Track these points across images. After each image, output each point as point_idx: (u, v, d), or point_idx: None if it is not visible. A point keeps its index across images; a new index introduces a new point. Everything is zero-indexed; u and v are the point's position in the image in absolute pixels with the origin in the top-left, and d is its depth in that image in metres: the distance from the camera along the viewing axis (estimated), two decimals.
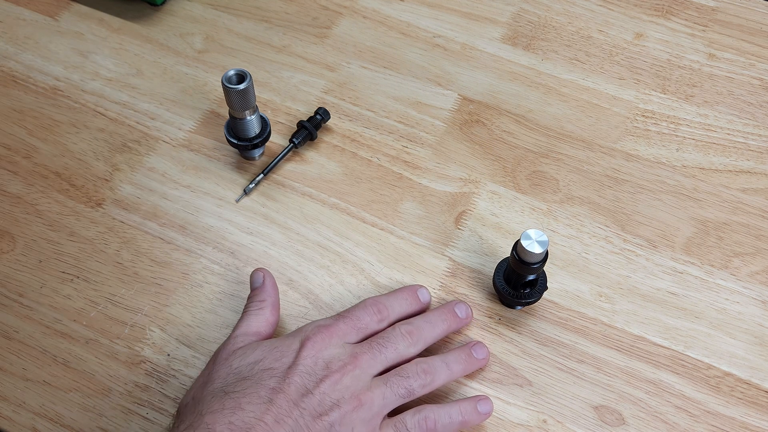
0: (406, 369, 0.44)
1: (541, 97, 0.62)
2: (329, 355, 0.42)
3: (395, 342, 0.44)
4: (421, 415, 0.43)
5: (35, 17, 0.67)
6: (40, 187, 0.56)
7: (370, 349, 0.43)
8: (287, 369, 0.41)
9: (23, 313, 0.50)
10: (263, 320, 0.46)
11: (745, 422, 0.46)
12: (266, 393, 0.40)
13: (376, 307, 0.46)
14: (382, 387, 0.42)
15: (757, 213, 0.55)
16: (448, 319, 0.47)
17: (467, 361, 0.46)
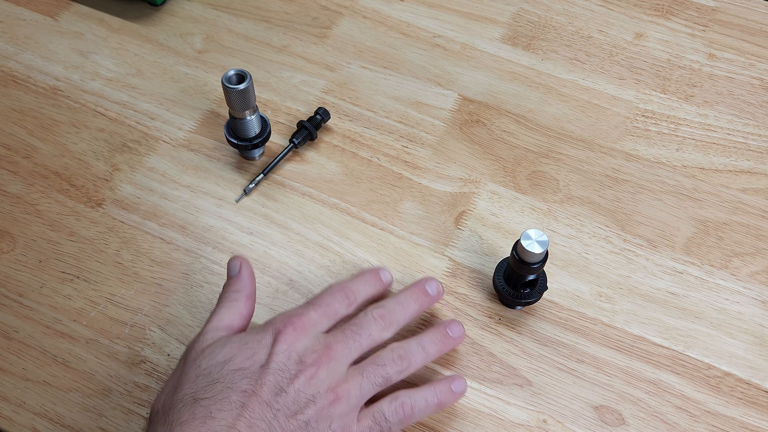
0: (382, 356, 0.43)
1: (541, 97, 0.62)
2: (302, 347, 0.41)
3: (368, 327, 0.43)
4: (397, 402, 0.42)
5: (35, 17, 0.67)
6: (40, 187, 0.56)
7: (344, 337, 0.42)
8: (260, 368, 0.40)
9: (23, 313, 0.50)
10: (236, 313, 0.44)
11: (745, 422, 0.46)
12: (238, 397, 0.38)
13: (343, 292, 0.45)
14: (358, 377, 0.41)
15: (757, 213, 0.55)
16: (419, 299, 0.46)
17: (443, 341, 0.45)
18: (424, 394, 0.43)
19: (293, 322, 0.42)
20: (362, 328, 0.43)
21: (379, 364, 0.42)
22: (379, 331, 0.43)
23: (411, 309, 0.46)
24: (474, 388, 0.47)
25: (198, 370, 0.40)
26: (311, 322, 0.42)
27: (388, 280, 0.48)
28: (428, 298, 0.47)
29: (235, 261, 0.46)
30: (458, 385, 0.44)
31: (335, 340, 0.42)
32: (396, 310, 0.45)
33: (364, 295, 0.46)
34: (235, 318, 0.44)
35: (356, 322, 0.43)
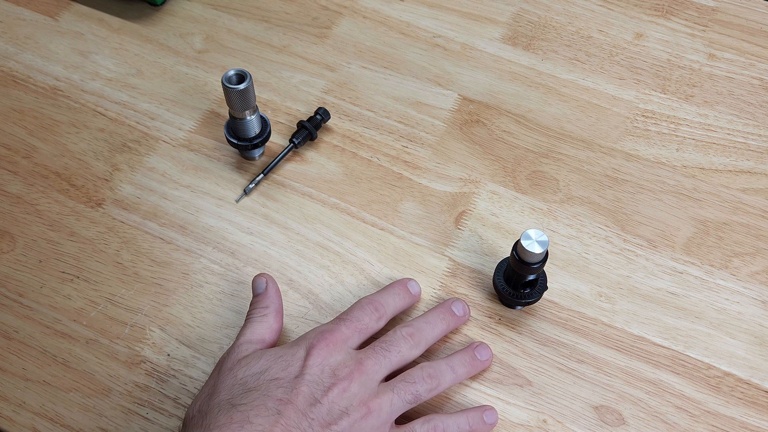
0: (412, 374, 0.44)
1: (541, 97, 0.62)
2: (335, 362, 0.42)
3: (398, 345, 0.44)
4: (430, 425, 0.43)
5: (35, 17, 0.67)
6: (40, 187, 0.56)
7: (375, 354, 0.43)
8: (294, 378, 0.41)
9: (23, 313, 0.50)
10: (267, 327, 0.46)
11: (745, 422, 0.46)
12: (274, 404, 0.39)
13: (372, 305, 0.46)
14: (390, 393, 0.42)
15: (757, 213, 0.55)
16: (446, 318, 0.47)
17: (471, 364, 0.46)
18: (456, 420, 0.44)
19: (326, 337, 0.43)
20: (392, 345, 0.44)
21: (409, 382, 0.43)
22: (409, 348, 0.45)
23: (439, 328, 0.47)
24: (474, 388, 0.47)
25: (234, 379, 0.41)
26: (343, 337, 0.44)
27: (417, 291, 0.49)
28: (455, 319, 0.48)
29: (261, 278, 0.48)
30: (490, 417, 0.45)
31: (366, 356, 0.43)
32: (424, 329, 0.46)
33: (394, 308, 0.47)
34: (266, 332, 0.45)
35: (386, 339, 0.45)
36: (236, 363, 0.43)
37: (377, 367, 0.43)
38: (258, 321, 0.46)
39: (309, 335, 0.44)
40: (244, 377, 0.41)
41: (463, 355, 0.46)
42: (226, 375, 0.42)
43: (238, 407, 0.39)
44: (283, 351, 0.43)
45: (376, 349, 0.44)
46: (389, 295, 0.48)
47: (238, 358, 0.43)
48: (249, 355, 0.43)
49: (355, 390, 0.41)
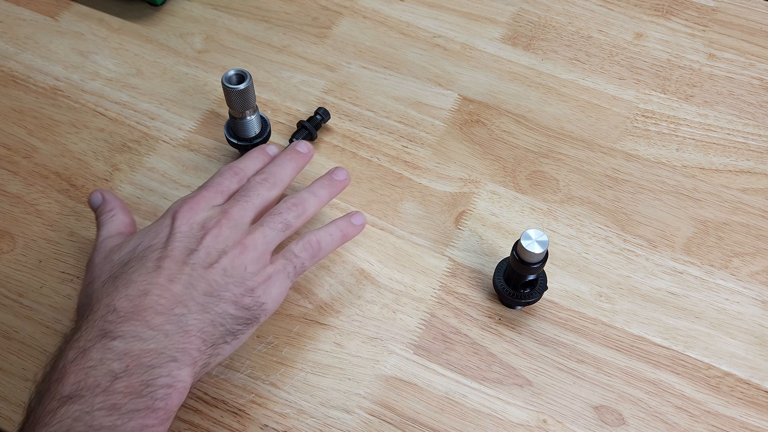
0: (278, 207, 0.47)
1: (541, 97, 0.62)
2: (201, 218, 0.44)
3: (256, 189, 0.47)
4: (304, 240, 0.46)
5: (35, 17, 0.67)
6: (40, 187, 0.56)
7: (237, 202, 0.46)
8: (166, 240, 0.43)
9: (23, 313, 0.50)
10: (120, 222, 0.47)
11: (745, 422, 0.46)
12: (153, 263, 0.41)
13: (231, 170, 0.48)
14: (260, 228, 0.45)
15: (757, 213, 0.55)
16: (294, 158, 0.50)
17: (330, 185, 0.49)
18: (328, 230, 0.47)
19: (188, 201, 0.45)
20: (251, 191, 0.47)
21: (276, 214, 0.46)
22: (267, 190, 0.47)
23: (290, 167, 0.49)
24: (474, 388, 0.47)
25: (111, 263, 0.43)
26: (205, 198, 0.46)
27: (274, 152, 0.52)
28: (301, 156, 0.50)
29: (95, 193, 0.49)
30: (357, 219, 0.49)
31: (230, 205, 0.46)
32: (276, 171, 0.48)
33: (252, 170, 0.49)
34: (121, 226, 0.47)
35: (244, 187, 0.47)
36: (108, 252, 0.44)
37: (243, 212, 0.45)
38: (110, 220, 0.47)
39: (172, 206, 0.46)
40: (120, 257, 0.43)
41: (321, 179, 0.49)
42: (102, 264, 0.43)
43: (119, 277, 0.41)
44: (149, 226, 0.45)
45: (236, 198, 0.46)
46: (248, 160, 0.50)
47: (108, 249, 0.44)
48: (117, 244, 0.45)
49: (227, 233, 0.44)
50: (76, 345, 0.38)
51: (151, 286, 0.40)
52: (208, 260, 0.42)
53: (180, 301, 0.40)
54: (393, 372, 0.48)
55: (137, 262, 0.42)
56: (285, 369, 0.48)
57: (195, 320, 0.40)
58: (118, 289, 0.40)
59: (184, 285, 0.41)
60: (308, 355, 0.48)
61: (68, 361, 0.37)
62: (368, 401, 0.47)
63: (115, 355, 0.37)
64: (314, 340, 0.49)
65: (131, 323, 0.39)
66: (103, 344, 0.38)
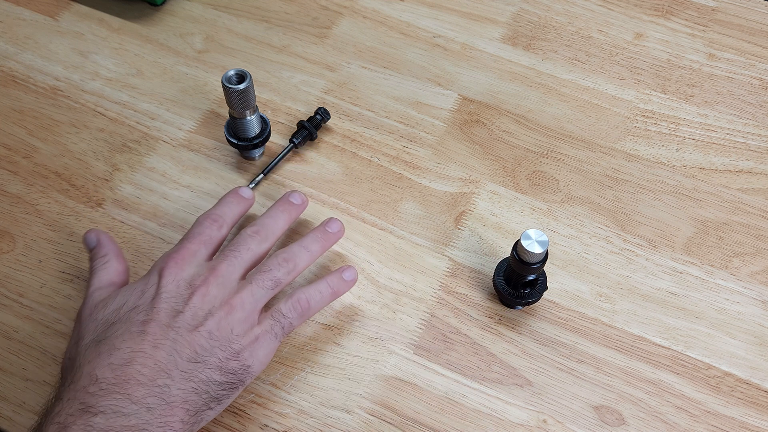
0: (267, 263, 0.45)
1: (541, 97, 0.62)
2: (188, 275, 0.43)
3: (246, 243, 0.45)
4: (293, 299, 0.45)
5: (35, 17, 0.67)
6: (40, 187, 0.56)
7: (226, 257, 0.44)
8: (152, 300, 0.41)
9: (23, 313, 0.50)
10: (113, 271, 0.46)
11: (745, 422, 0.46)
12: (137, 327, 0.40)
13: (210, 218, 0.47)
14: (249, 286, 0.44)
15: (757, 213, 0.55)
16: (287, 210, 0.49)
17: (323, 239, 0.48)
18: (317, 287, 0.46)
19: (173, 257, 0.44)
20: (241, 245, 0.45)
21: (265, 270, 0.45)
22: (257, 244, 0.46)
23: (282, 220, 0.48)
24: (474, 388, 0.47)
25: (95, 322, 0.42)
26: (190, 252, 0.44)
27: (249, 195, 0.50)
28: (294, 207, 0.50)
29: (90, 233, 0.48)
30: (349, 274, 0.47)
31: (218, 261, 0.44)
32: (268, 223, 0.47)
33: (231, 216, 0.48)
34: (113, 275, 0.46)
35: (234, 241, 0.46)
36: (93, 308, 0.43)
37: (231, 268, 0.44)
38: (102, 268, 0.46)
39: (157, 262, 0.44)
40: (104, 316, 0.42)
41: (314, 233, 0.48)
42: (87, 321, 0.42)
43: (103, 341, 0.40)
44: (136, 283, 0.43)
45: (225, 252, 0.45)
46: (224, 206, 0.48)
47: (94, 304, 0.43)
48: (104, 298, 0.43)
49: (215, 292, 0.42)
50: (57, 420, 0.37)
51: (134, 354, 0.39)
52: (194, 323, 0.41)
53: (164, 371, 0.39)
54: (393, 372, 0.48)
55: (121, 325, 0.40)
56: (285, 369, 0.48)
57: (178, 390, 0.39)
58: (100, 356, 0.39)
59: (168, 352, 0.39)
60: (308, 355, 0.48)
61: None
62: (368, 401, 0.47)
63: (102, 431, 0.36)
64: (314, 340, 0.49)
65: (113, 396, 0.37)
66: (84, 420, 0.36)
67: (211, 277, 0.43)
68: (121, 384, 0.38)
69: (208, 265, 0.44)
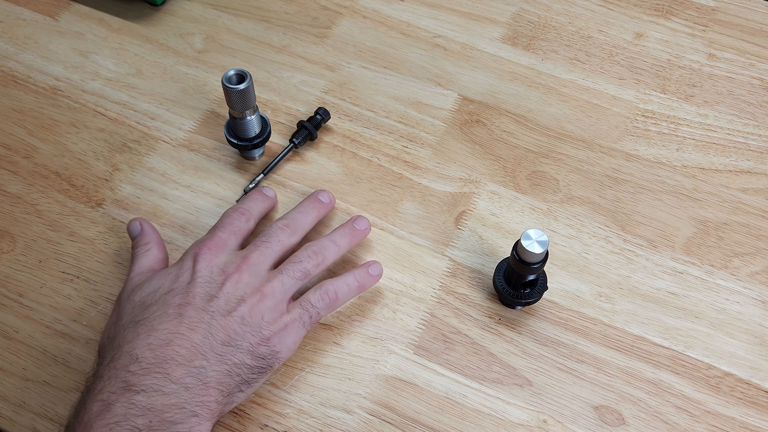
0: (297, 255, 0.47)
1: (541, 97, 0.62)
2: (221, 262, 0.45)
3: (276, 236, 0.48)
4: (321, 290, 0.47)
5: (35, 17, 0.67)
6: (40, 187, 0.56)
7: (257, 247, 0.47)
8: (187, 285, 0.44)
9: (23, 313, 0.50)
10: (153, 258, 0.48)
11: (745, 422, 0.46)
12: (174, 310, 0.42)
13: (238, 211, 0.49)
14: (279, 275, 0.46)
15: (757, 213, 0.55)
16: (316, 207, 0.51)
17: (351, 235, 0.50)
18: (345, 280, 0.48)
19: (207, 243, 0.46)
20: (271, 237, 0.48)
21: (295, 262, 0.47)
22: (287, 237, 0.48)
23: (311, 216, 0.51)
24: (474, 388, 0.47)
25: (133, 304, 0.44)
26: (222, 240, 0.47)
27: (272, 194, 0.53)
28: (323, 205, 0.52)
29: (134, 222, 0.51)
30: (375, 269, 0.49)
31: (250, 251, 0.47)
32: (298, 218, 0.50)
33: (257, 211, 0.51)
34: (153, 262, 0.48)
35: (265, 233, 0.48)
36: (132, 291, 0.45)
37: (262, 258, 0.46)
38: (143, 255, 0.48)
39: (190, 248, 0.47)
40: (141, 298, 0.44)
41: (342, 228, 0.50)
42: (125, 303, 0.44)
43: (141, 322, 0.42)
44: (170, 268, 0.46)
45: (257, 243, 0.47)
46: (250, 201, 0.51)
47: (132, 287, 0.45)
48: (141, 283, 0.45)
49: (247, 280, 0.45)
50: (99, 397, 0.39)
51: (172, 335, 0.41)
52: (227, 308, 0.43)
53: (200, 352, 0.41)
54: (393, 372, 0.48)
55: (158, 308, 0.42)
56: (285, 369, 0.48)
57: (214, 372, 0.41)
58: (139, 336, 0.41)
59: (204, 334, 0.41)
60: (308, 355, 0.48)
61: (93, 416, 0.38)
62: (368, 401, 0.47)
63: (139, 410, 0.38)
64: (314, 340, 0.49)
65: (153, 376, 0.39)
66: (126, 398, 0.38)
67: (243, 264, 0.45)
68: (160, 364, 0.40)
69: (240, 253, 0.46)
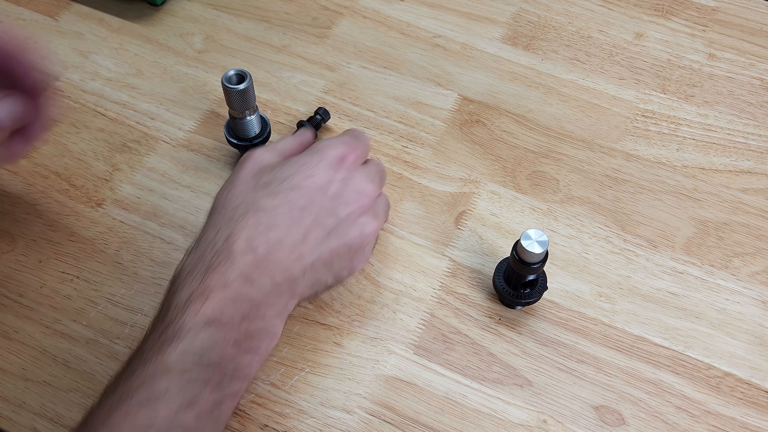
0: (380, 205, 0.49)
1: (541, 97, 0.62)
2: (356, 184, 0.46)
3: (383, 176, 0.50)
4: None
5: (35, 17, 0.67)
6: (40, 187, 0.56)
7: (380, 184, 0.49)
8: (317, 190, 0.45)
9: (23, 313, 0.50)
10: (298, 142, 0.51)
11: (746, 422, 0.46)
12: (297, 213, 0.44)
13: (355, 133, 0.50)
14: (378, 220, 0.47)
15: (757, 213, 0.55)
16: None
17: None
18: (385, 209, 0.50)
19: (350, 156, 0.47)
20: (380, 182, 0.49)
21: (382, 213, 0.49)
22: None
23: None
24: (474, 388, 0.47)
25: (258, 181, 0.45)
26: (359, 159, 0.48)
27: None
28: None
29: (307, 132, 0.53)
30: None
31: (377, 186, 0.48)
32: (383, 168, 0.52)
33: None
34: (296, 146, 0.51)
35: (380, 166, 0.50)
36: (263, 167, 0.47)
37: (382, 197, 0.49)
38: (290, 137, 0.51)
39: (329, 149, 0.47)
40: (268, 180, 0.45)
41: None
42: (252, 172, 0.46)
43: (262, 212, 0.43)
44: (307, 159, 0.46)
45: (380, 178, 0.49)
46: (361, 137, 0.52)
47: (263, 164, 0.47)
48: (275, 162, 0.47)
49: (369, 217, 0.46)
50: (219, 271, 0.41)
51: (287, 239, 0.43)
52: (343, 232, 0.45)
53: (302, 265, 0.43)
54: (393, 372, 0.48)
55: (282, 203, 0.44)
56: (285, 369, 0.48)
57: (304, 286, 0.44)
58: (259, 227, 0.42)
59: (312, 248, 0.43)
60: (308, 355, 0.48)
61: (211, 286, 0.40)
62: (368, 401, 0.47)
63: (247, 298, 0.41)
64: (314, 340, 0.49)
65: (261, 272, 0.42)
66: (240, 284, 0.41)
67: (370, 199, 0.47)
68: (269, 264, 0.42)
69: (372, 183, 0.47)
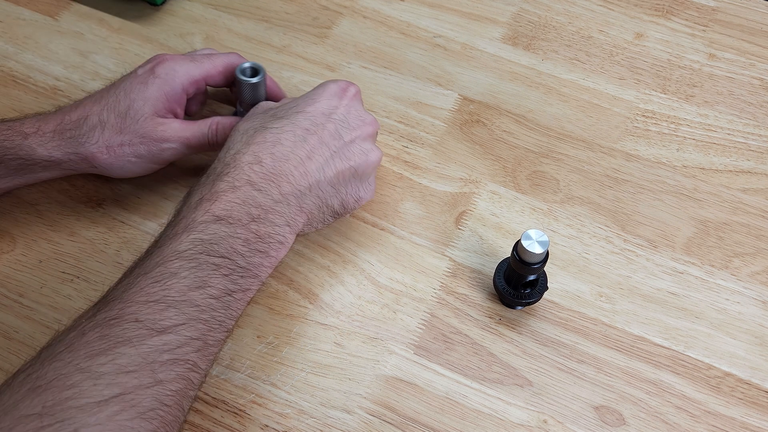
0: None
1: (541, 97, 0.62)
2: (358, 113, 0.50)
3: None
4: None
5: (35, 17, 0.67)
6: (40, 187, 0.56)
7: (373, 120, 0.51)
8: (323, 115, 0.48)
9: (23, 313, 0.50)
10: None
11: (746, 422, 0.46)
12: (301, 132, 0.47)
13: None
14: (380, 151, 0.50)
15: (757, 213, 0.55)
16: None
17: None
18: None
19: (353, 89, 0.51)
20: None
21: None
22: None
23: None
24: (474, 388, 0.47)
25: (264, 111, 0.49)
26: (359, 94, 0.51)
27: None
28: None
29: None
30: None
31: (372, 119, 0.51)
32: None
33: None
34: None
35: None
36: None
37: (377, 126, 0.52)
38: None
39: (332, 84, 0.50)
40: (275, 111, 0.49)
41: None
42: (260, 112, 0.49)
43: (269, 131, 0.46)
44: (309, 92, 0.50)
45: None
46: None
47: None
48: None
49: (370, 142, 0.49)
50: (227, 179, 0.44)
51: (293, 155, 0.46)
52: (348, 155, 0.47)
53: (308, 181, 0.46)
54: (393, 372, 0.48)
55: (288, 125, 0.47)
56: (285, 369, 0.48)
57: (310, 201, 0.46)
58: (266, 143, 0.46)
59: (317, 167, 0.46)
60: (308, 355, 0.48)
61: (220, 190, 0.43)
62: (368, 401, 0.47)
63: (255, 203, 0.44)
64: (314, 340, 0.49)
65: (268, 182, 0.45)
66: (248, 189, 0.44)
67: (373, 127, 0.50)
68: (276, 175, 0.45)
69: (372, 116, 0.50)
